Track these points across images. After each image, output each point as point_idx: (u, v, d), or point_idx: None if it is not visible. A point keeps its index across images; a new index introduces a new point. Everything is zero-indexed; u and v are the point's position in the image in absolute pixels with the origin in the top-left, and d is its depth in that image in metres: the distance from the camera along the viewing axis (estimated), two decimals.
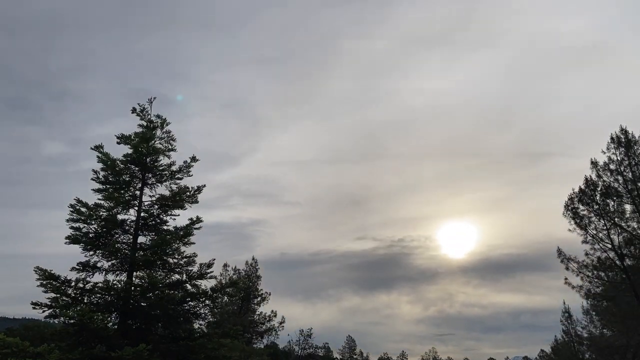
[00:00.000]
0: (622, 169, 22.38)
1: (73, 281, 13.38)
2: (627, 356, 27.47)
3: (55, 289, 13.01)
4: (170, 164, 15.53)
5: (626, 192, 22.10)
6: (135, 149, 14.94)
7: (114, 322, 13.76)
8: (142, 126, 15.55)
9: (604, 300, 26.44)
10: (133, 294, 13.44)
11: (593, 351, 33.69)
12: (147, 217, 15.05)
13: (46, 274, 12.90)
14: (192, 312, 14.38)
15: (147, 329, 13.94)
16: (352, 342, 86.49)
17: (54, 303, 12.88)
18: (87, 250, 14.02)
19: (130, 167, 15.13)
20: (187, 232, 14.72)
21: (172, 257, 14.61)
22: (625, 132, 22.53)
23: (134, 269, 14.17)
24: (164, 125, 15.71)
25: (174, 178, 15.50)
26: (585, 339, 36.73)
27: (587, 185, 23.45)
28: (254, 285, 39.31)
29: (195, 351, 13.07)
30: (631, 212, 22.30)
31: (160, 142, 15.60)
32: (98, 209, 14.26)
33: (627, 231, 22.34)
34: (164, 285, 14.08)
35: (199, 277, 14.45)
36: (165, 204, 14.97)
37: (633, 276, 22.33)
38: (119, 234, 14.73)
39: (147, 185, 15.36)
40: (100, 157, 14.71)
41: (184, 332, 13.96)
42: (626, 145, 22.28)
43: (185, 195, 15.08)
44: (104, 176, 14.83)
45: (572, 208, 23.76)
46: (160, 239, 14.14)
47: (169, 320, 13.90)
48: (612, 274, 23.81)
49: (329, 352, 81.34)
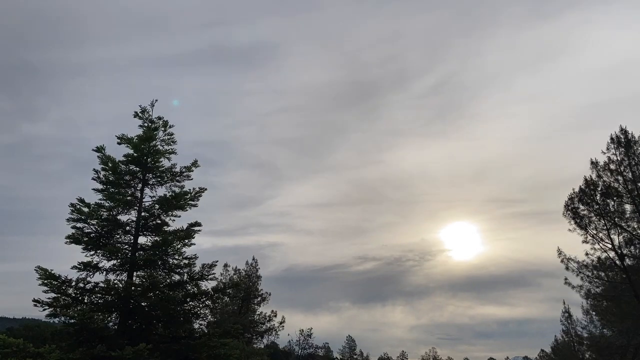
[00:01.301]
0: (622, 169, 22.36)
1: (74, 281, 13.42)
2: (627, 356, 27.44)
3: (55, 288, 13.04)
4: (171, 165, 15.56)
5: (626, 192, 22.09)
6: (136, 148, 14.95)
7: (114, 322, 13.81)
8: (142, 126, 15.58)
9: (604, 300, 26.44)
10: (133, 294, 13.45)
11: (593, 351, 33.64)
12: (148, 217, 15.07)
13: (47, 273, 12.92)
14: (193, 312, 14.40)
15: (148, 329, 13.95)
16: (352, 342, 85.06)
17: (54, 302, 12.92)
18: (88, 250, 14.04)
19: (130, 167, 15.15)
20: (188, 233, 14.74)
21: (173, 258, 14.63)
22: (625, 132, 22.52)
23: (134, 269, 14.19)
24: (166, 127, 15.74)
25: (174, 180, 15.52)
26: (585, 339, 36.70)
27: (587, 185, 23.42)
28: (254, 285, 39.32)
29: (196, 350, 13.08)
30: (631, 212, 22.28)
31: (162, 143, 15.62)
32: (99, 208, 14.28)
33: (627, 231, 22.34)
34: (165, 285, 14.10)
35: (200, 277, 14.47)
36: (166, 205, 14.99)
37: (633, 276, 22.32)
38: (120, 234, 14.76)
39: (147, 186, 15.38)
40: (101, 158, 14.74)
41: (184, 332, 13.97)
42: (626, 145, 22.26)
43: (187, 196, 15.09)
44: (104, 176, 14.86)
45: (572, 208, 23.73)
46: (162, 240, 14.15)
47: (169, 320, 13.91)
48: (612, 274, 23.80)
49: (329, 352, 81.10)
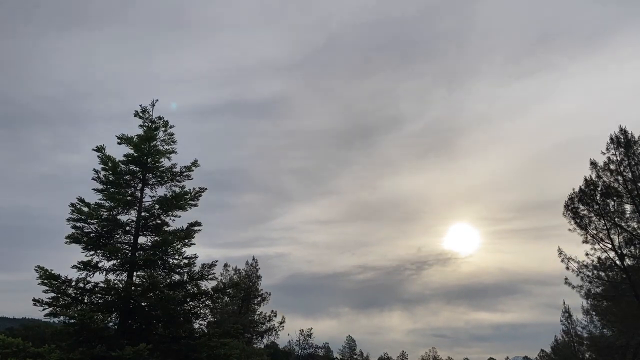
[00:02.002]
0: (621, 169, 22.38)
1: (74, 281, 13.41)
2: (627, 356, 27.45)
3: (55, 288, 13.04)
4: (171, 165, 15.56)
5: (626, 192, 22.10)
6: (137, 148, 14.95)
7: (114, 322, 13.79)
8: (143, 126, 15.58)
9: (604, 300, 26.45)
10: (133, 294, 13.45)
11: (593, 351, 33.66)
12: (148, 217, 15.07)
13: (47, 273, 12.91)
14: (193, 312, 14.39)
15: (148, 329, 13.94)
16: (352, 342, 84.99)
17: (54, 302, 12.91)
18: (88, 249, 14.04)
19: (130, 167, 15.15)
20: (188, 233, 14.73)
21: (173, 258, 14.63)
22: (625, 132, 22.54)
23: (134, 269, 14.19)
24: (166, 127, 15.74)
25: (174, 179, 15.52)
26: (585, 339, 36.75)
27: (587, 185, 23.43)
28: (254, 285, 39.32)
29: (196, 350, 13.08)
30: (631, 212, 22.29)
31: (162, 143, 15.61)
32: (99, 208, 14.28)
33: (627, 231, 22.34)
34: (165, 285, 14.09)
35: (200, 277, 14.46)
36: (166, 205, 14.98)
37: (633, 276, 22.33)
38: (120, 234, 14.76)
39: (147, 186, 15.38)
40: (101, 158, 14.74)
41: (184, 332, 13.97)
42: (626, 146, 22.28)
43: (187, 196, 15.09)
44: (104, 176, 14.86)
45: (572, 208, 23.75)
46: (162, 240, 14.15)
47: (169, 320, 13.90)
48: (612, 274, 23.81)
49: (329, 352, 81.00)
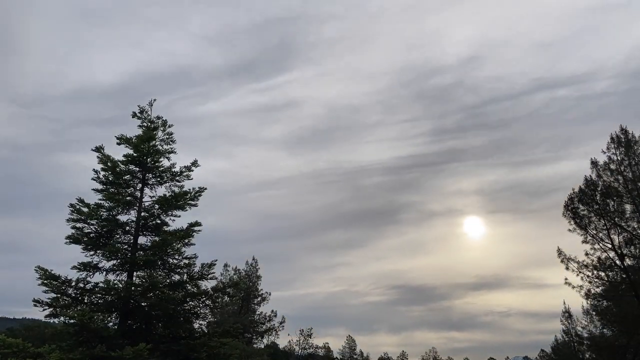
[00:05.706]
0: (622, 168, 22.35)
1: (73, 281, 13.42)
2: (627, 356, 27.46)
3: (55, 288, 13.04)
4: (171, 165, 15.54)
5: (626, 191, 22.07)
6: (136, 148, 14.94)
7: (114, 322, 13.79)
8: (142, 126, 15.57)
9: (604, 300, 26.44)
10: (133, 294, 13.45)
11: (593, 351, 33.65)
12: (148, 217, 15.06)
13: (47, 273, 12.92)
14: (193, 312, 14.40)
15: (148, 329, 13.95)
16: (352, 342, 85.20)
17: (54, 303, 12.91)
18: (88, 250, 14.04)
19: (130, 167, 15.14)
20: (187, 233, 14.73)
21: (173, 258, 14.63)
22: (625, 131, 22.52)
23: (134, 269, 14.19)
24: (165, 127, 15.72)
25: (174, 179, 15.51)
26: (585, 339, 36.71)
27: (587, 185, 23.40)
28: (254, 285, 39.31)
29: (196, 350, 13.08)
30: (631, 212, 22.25)
31: (161, 143, 15.60)
32: (99, 209, 14.27)
33: (627, 231, 22.32)
34: (165, 285, 14.09)
35: (200, 277, 14.46)
36: (166, 205, 14.98)
37: (633, 276, 22.32)
38: (120, 234, 14.75)
39: (147, 186, 15.37)
40: (101, 158, 14.73)
41: (184, 332, 13.97)
42: (626, 145, 22.26)
43: (186, 196, 15.08)
44: (104, 176, 14.85)
45: (572, 208, 23.72)
46: (161, 240, 14.14)
47: (169, 320, 13.91)
48: (612, 274, 23.78)
49: (329, 352, 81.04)
